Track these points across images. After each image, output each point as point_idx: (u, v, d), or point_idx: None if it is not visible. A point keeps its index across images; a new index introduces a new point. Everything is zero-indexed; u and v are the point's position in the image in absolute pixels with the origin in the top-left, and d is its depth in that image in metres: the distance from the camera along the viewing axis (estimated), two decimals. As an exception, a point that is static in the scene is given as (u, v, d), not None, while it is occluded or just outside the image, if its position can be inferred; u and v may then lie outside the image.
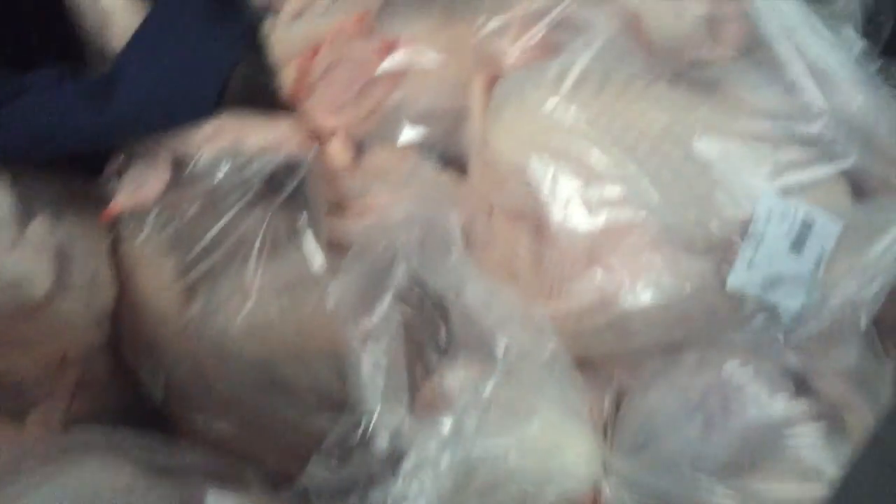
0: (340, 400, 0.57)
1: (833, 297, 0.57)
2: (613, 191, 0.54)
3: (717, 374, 0.56)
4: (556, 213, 0.55)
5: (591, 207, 0.54)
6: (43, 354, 0.65)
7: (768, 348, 0.57)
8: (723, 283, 0.54)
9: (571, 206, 0.55)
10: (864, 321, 0.57)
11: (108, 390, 0.71)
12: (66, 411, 0.68)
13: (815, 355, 0.59)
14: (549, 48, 0.58)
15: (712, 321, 0.56)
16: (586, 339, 0.56)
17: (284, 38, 0.70)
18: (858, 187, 0.59)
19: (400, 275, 0.55)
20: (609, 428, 0.57)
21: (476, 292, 0.53)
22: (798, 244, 0.54)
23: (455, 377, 0.54)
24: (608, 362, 0.57)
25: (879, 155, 0.58)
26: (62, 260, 0.63)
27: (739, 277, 0.54)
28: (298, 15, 0.70)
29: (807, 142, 0.56)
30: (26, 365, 0.65)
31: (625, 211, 0.54)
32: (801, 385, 0.59)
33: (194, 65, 0.67)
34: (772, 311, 0.56)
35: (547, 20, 0.58)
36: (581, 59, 0.56)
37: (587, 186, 0.55)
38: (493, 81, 0.60)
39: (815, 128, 0.56)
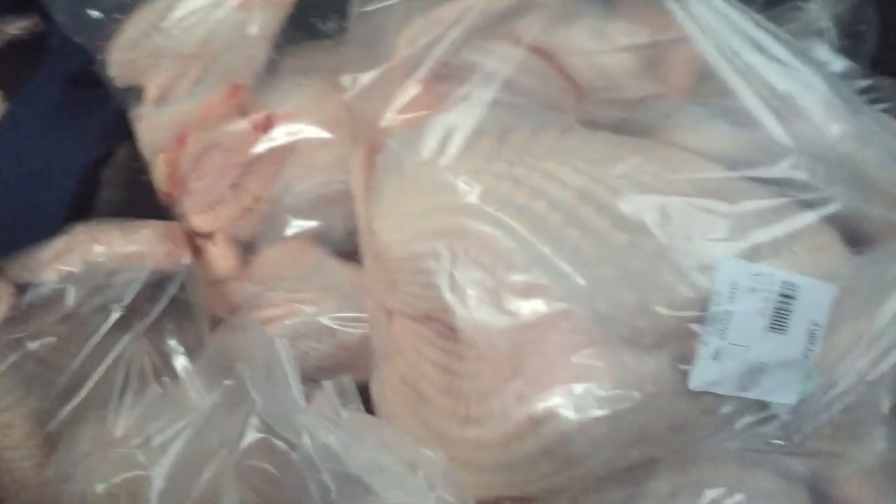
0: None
1: (841, 379, 0.44)
2: (525, 278, 0.41)
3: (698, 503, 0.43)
4: (462, 312, 0.42)
5: (503, 301, 0.41)
6: None
7: (764, 459, 0.44)
8: (684, 382, 0.41)
9: (478, 302, 0.42)
10: (885, 402, 0.45)
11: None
12: None
13: (828, 456, 0.45)
14: (432, 103, 0.45)
15: (680, 434, 0.42)
16: (520, 473, 0.42)
17: (150, 126, 0.59)
18: (853, 236, 0.45)
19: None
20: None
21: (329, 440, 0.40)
22: (779, 321, 0.41)
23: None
24: (552, 499, 0.43)
25: (873, 191, 0.44)
26: None
27: (705, 373, 0.40)
28: (163, 99, 0.58)
29: (773, 188, 0.43)
30: None
31: (542, 302, 0.41)
32: (816, 498, 0.46)
33: (38, 175, 0.56)
34: (760, 410, 0.43)
35: (425, 68, 0.45)
36: (470, 112, 0.44)
37: (492, 275, 0.41)
38: (372, 154, 0.48)
39: (780, 169, 0.42)
